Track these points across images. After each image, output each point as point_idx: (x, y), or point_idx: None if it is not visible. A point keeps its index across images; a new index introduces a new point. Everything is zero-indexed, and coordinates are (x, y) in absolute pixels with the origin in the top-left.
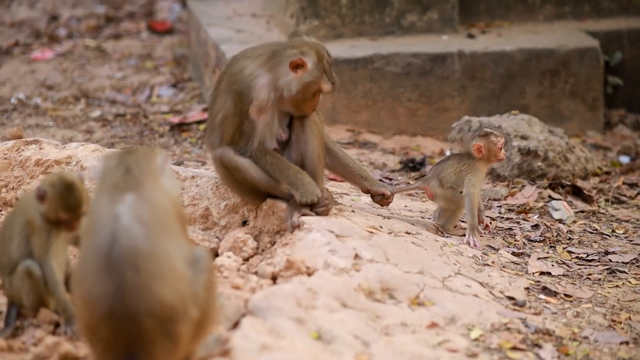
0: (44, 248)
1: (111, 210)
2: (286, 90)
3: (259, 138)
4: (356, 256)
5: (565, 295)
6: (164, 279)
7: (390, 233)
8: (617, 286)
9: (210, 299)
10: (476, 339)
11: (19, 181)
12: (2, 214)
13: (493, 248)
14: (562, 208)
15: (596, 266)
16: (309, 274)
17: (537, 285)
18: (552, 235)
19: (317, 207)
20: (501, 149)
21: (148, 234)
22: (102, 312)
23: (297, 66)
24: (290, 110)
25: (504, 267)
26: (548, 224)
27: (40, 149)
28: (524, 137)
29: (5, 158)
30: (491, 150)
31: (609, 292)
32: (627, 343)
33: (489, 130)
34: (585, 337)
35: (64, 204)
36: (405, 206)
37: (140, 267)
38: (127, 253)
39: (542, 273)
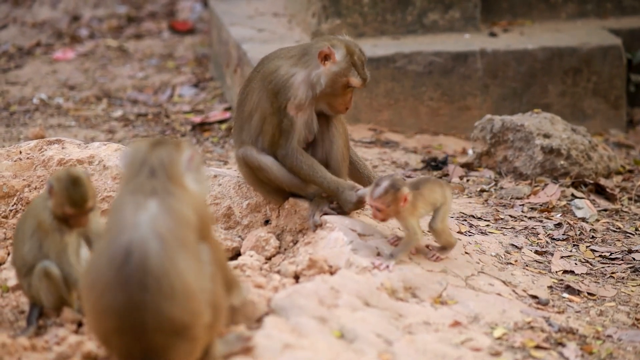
0: (60, 247)
1: (133, 217)
2: (317, 84)
3: (298, 136)
4: (378, 255)
5: (588, 293)
6: (174, 298)
7: None
8: None
9: (216, 289)
10: (499, 338)
11: (42, 181)
12: None
13: (516, 247)
14: (585, 206)
15: (619, 264)
16: (332, 273)
17: (560, 283)
18: (575, 234)
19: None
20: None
21: (164, 250)
22: (112, 325)
23: (325, 57)
24: (325, 108)
25: (527, 265)
26: (571, 222)
27: (62, 148)
28: (546, 136)
29: (28, 158)
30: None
31: (632, 291)
32: None
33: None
34: (609, 336)
35: (69, 199)
36: None
37: (149, 287)
38: (138, 271)
39: (565, 272)
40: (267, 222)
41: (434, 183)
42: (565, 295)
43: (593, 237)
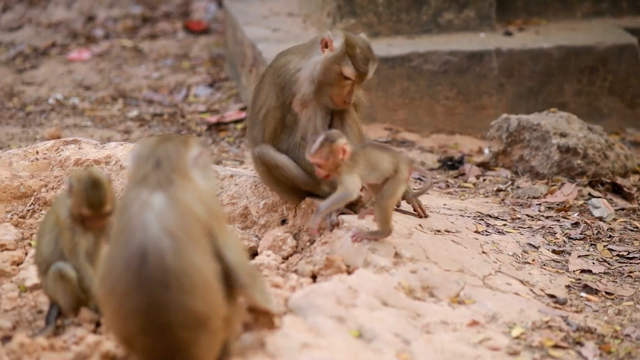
0: (71, 246)
1: (140, 218)
2: (315, 71)
3: (301, 132)
4: (396, 254)
5: (606, 293)
6: (195, 292)
7: (430, 231)
8: None
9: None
10: (517, 337)
11: (59, 181)
12: (41, 214)
13: (533, 246)
14: (602, 206)
15: (637, 264)
16: (349, 273)
17: (578, 283)
18: (593, 233)
19: (355, 206)
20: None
21: (177, 248)
22: (136, 327)
23: (325, 45)
24: (328, 102)
25: (544, 265)
26: (588, 221)
27: (79, 148)
28: (563, 135)
29: (44, 158)
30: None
31: None
32: None
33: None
34: (627, 335)
35: (87, 200)
36: (445, 204)
37: (170, 285)
38: (157, 271)
39: (582, 271)
40: (284, 221)
41: (385, 150)
42: (583, 294)
43: (610, 236)
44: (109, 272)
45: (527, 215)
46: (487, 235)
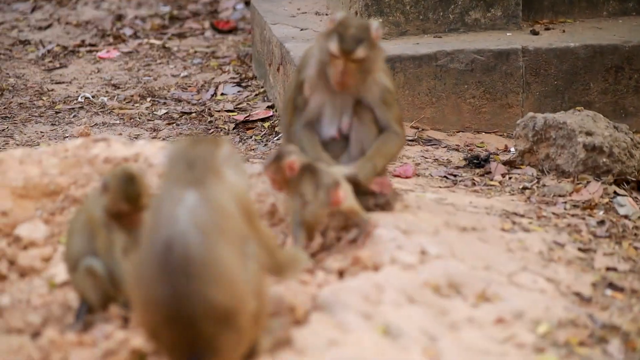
0: (107, 244)
1: (171, 211)
2: (317, 53)
3: (307, 116)
4: (423, 252)
5: (632, 290)
6: (219, 285)
7: (456, 229)
8: None
9: (261, 281)
10: (543, 335)
11: (88, 178)
12: (71, 211)
13: (559, 244)
14: (628, 204)
15: None
16: (376, 270)
17: (603, 280)
18: (618, 231)
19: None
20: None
21: (204, 240)
22: (161, 317)
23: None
24: (332, 83)
25: (570, 262)
26: (614, 220)
27: (108, 146)
28: (589, 133)
29: (74, 155)
30: None
31: None
32: None
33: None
34: None
35: (125, 195)
36: (471, 202)
37: (193, 275)
38: (180, 261)
39: (608, 268)
40: None
41: (318, 173)
42: (609, 292)
43: (636, 234)
44: (139, 263)
45: (553, 213)
46: (513, 233)
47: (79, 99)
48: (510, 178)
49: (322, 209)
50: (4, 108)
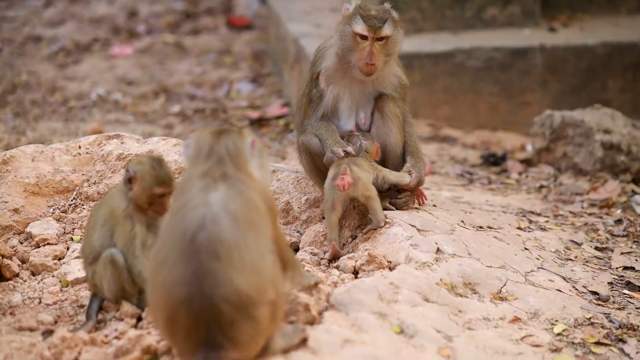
0: (129, 237)
1: (204, 197)
2: (337, 41)
3: (324, 108)
4: (438, 250)
5: None
6: (243, 270)
7: (472, 227)
8: None
9: (277, 275)
10: (559, 334)
11: (101, 175)
12: (83, 208)
13: (576, 243)
14: None
15: None
16: (391, 268)
17: (620, 280)
18: (636, 230)
19: (396, 200)
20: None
21: (235, 225)
22: (181, 297)
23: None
24: (356, 72)
25: (587, 261)
26: (631, 218)
27: (121, 143)
28: (606, 131)
29: (87, 152)
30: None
31: None
32: None
33: None
34: None
35: (158, 178)
36: (487, 201)
37: (221, 256)
38: (211, 240)
39: (625, 268)
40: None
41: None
42: (626, 291)
43: None
44: (164, 244)
45: (570, 212)
46: (529, 231)
47: (92, 96)
48: (527, 176)
49: (331, 193)
50: (17, 105)
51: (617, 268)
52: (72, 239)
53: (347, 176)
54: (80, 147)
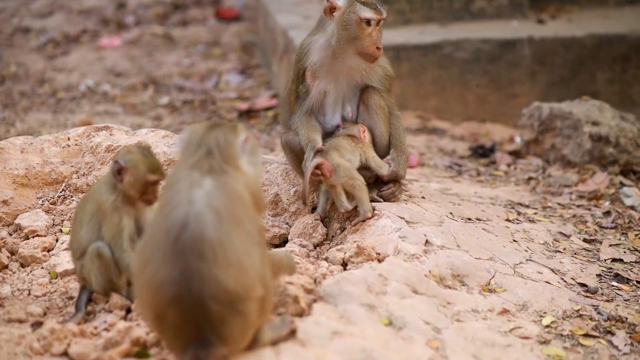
0: (117, 231)
1: (188, 193)
2: (332, 37)
3: (310, 103)
4: (427, 242)
5: (637, 282)
6: (229, 268)
7: (461, 219)
8: None
9: (265, 269)
10: (548, 326)
11: (90, 167)
12: (72, 200)
13: (564, 235)
14: (634, 194)
15: None
16: (379, 260)
17: (609, 272)
18: (624, 222)
19: (383, 192)
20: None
21: (218, 223)
22: (169, 296)
23: (330, 10)
24: (360, 62)
25: (575, 253)
26: (620, 210)
27: (110, 135)
28: (595, 123)
29: (76, 144)
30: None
31: None
32: None
33: None
34: None
35: (150, 165)
36: (475, 192)
37: (205, 255)
38: (195, 240)
39: (614, 260)
40: (314, 209)
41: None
42: (614, 283)
43: None
44: (149, 241)
45: (558, 204)
46: (518, 223)
47: (81, 87)
48: (515, 168)
49: (310, 178)
50: (6, 96)
51: (605, 260)
52: (61, 231)
53: (325, 165)
54: (69, 138)
